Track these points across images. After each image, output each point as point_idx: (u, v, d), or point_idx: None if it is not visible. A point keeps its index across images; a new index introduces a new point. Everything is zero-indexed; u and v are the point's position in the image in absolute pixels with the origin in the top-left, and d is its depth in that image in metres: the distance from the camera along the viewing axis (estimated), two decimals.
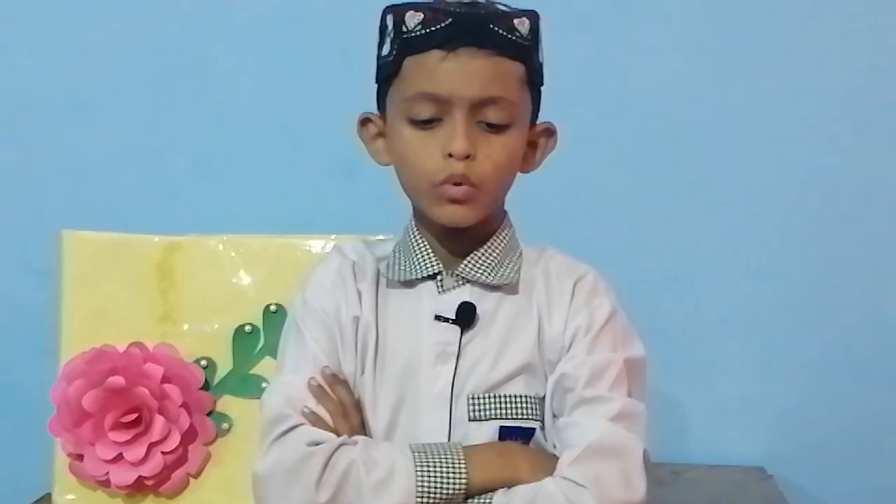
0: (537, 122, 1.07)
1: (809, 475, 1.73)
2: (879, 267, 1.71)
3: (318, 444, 0.99)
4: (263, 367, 1.34)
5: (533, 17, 1.02)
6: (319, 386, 1.03)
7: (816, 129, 1.70)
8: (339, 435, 1.01)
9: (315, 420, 1.02)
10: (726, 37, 1.69)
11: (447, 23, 0.98)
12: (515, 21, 1.01)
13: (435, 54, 0.99)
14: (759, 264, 1.72)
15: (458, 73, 0.98)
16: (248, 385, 1.35)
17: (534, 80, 1.04)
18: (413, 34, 0.99)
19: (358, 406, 1.04)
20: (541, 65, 1.05)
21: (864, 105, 1.69)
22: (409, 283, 1.06)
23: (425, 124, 1.00)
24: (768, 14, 1.68)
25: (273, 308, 1.35)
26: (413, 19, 0.99)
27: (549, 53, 1.06)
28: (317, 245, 1.35)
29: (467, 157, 0.99)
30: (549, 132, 1.08)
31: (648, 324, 1.08)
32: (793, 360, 1.73)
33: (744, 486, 1.65)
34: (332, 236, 1.33)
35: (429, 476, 0.96)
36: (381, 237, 1.16)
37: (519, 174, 1.07)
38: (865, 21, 1.68)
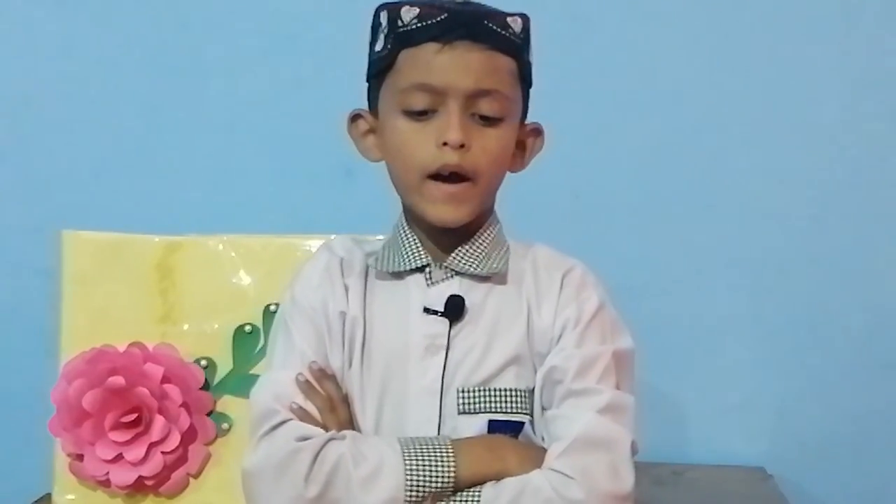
0: (526, 122, 1.08)
1: (809, 475, 1.72)
2: (879, 266, 1.71)
3: (306, 439, 0.99)
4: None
5: (524, 17, 1.04)
6: (307, 381, 1.04)
7: (817, 129, 1.70)
8: (326, 430, 1.01)
9: (303, 415, 1.02)
10: (726, 37, 1.69)
11: (443, 17, 1.00)
12: (508, 19, 1.03)
13: (431, 47, 1.00)
14: (759, 264, 1.72)
15: (453, 64, 0.99)
16: (248, 385, 1.33)
17: (525, 77, 1.05)
18: (409, 27, 1.01)
19: (345, 400, 1.05)
20: (530, 65, 1.06)
21: (864, 105, 1.69)
22: (398, 276, 1.07)
23: (419, 116, 1.01)
24: (768, 15, 1.68)
25: (273, 308, 1.34)
26: (409, 14, 1.01)
27: (549, 53, 1.07)
28: (317, 245, 1.32)
29: (462, 146, 0.99)
30: (537, 132, 1.09)
31: (649, 324, 1.08)
32: (793, 360, 1.73)
33: (744, 486, 1.65)
34: (332, 236, 1.32)
35: (417, 470, 0.97)
36: (379, 237, 1.16)
37: (508, 174, 1.07)
38: (866, 22, 1.68)
